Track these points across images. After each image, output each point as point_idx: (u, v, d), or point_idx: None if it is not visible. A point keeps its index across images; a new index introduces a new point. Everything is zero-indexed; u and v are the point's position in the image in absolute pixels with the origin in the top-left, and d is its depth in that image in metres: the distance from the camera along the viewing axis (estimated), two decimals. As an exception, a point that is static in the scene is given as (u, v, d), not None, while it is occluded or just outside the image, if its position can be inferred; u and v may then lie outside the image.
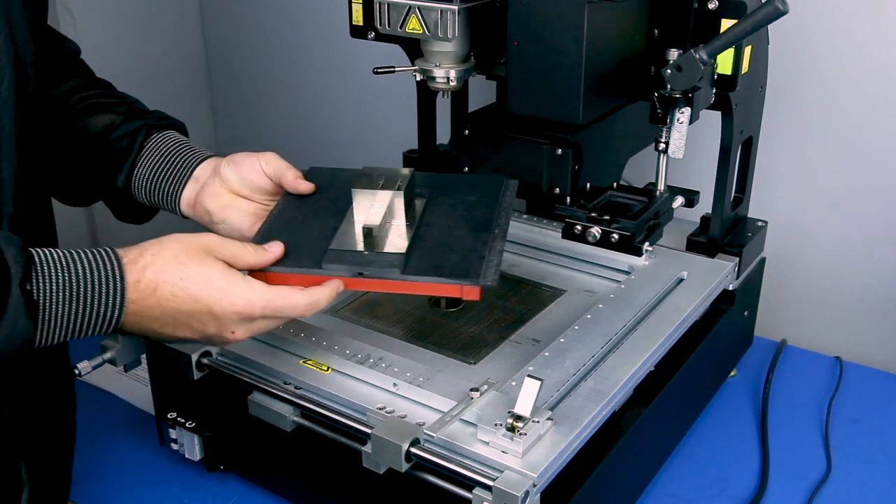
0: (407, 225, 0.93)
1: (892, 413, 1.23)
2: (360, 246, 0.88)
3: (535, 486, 0.79)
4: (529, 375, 0.83)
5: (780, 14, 0.93)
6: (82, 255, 0.76)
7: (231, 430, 1.03)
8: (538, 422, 0.83)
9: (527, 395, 0.82)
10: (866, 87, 1.34)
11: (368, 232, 0.88)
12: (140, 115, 1.02)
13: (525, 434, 0.81)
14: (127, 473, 1.10)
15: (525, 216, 1.30)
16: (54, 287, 0.73)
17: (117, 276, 0.76)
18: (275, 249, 0.86)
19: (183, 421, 1.05)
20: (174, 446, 1.08)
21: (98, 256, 0.76)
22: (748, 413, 1.23)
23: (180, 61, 2.06)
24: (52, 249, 0.75)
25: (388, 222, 0.92)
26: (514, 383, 0.90)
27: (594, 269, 1.21)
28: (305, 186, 0.99)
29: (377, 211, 0.91)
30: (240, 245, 0.84)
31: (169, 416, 1.06)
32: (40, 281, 0.73)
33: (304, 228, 0.93)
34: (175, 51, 2.04)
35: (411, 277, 0.87)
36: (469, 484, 0.81)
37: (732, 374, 1.30)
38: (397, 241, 0.90)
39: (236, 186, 0.98)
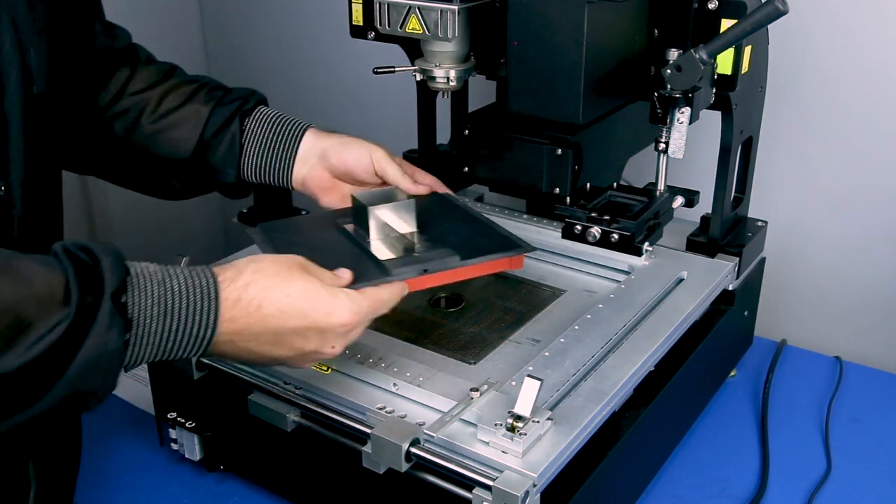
0: (417, 232, 0.99)
1: (892, 413, 1.23)
2: (400, 254, 0.95)
3: (535, 486, 0.79)
4: (529, 375, 0.83)
5: (780, 14, 0.93)
6: (177, 271, 0.73)
7: (231, 430, 1.03)
8: (538, 422, 0.83)
9: (527, 395, 0.82)
10: (866, 87, 1.34)
11: (411, 238, 0.97)
12: (219, 100, 1.07)
13: (525, 434, 0.81)
14: (127, 473, 1.10)
15: (525, 216, 1.30)
16: (149, 301, 0.70)
17: (212, 295, 0.74)
18: (345, 275, 0.86)
19: (183, 421, 1.05)
20: (174, 446, 1.08)
21: (194, 274, 0.74)
22: (748, 413, 1.23)
23: (180, 61, 2.05)
24: (147, 263, 0.73)
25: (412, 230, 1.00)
26: (514, 383, 0.90)
27: (594, 269, 1.21)
28: (424, 187, 1.08)
29: (398, 223, 0.97)
30: (320, 270, 0.84)
31: (169, 416, 1.06)
32: (135, 294, 0.70)
33: (330, 258, 0.92)
34: (175, 51, 2.03)
35: (469, 262, 0.94)
36: (469, 484, 0.81)
37: (732, 374, 1.30)
38: (422, 244, 0.97)
39: (339, 173, 1.07)
